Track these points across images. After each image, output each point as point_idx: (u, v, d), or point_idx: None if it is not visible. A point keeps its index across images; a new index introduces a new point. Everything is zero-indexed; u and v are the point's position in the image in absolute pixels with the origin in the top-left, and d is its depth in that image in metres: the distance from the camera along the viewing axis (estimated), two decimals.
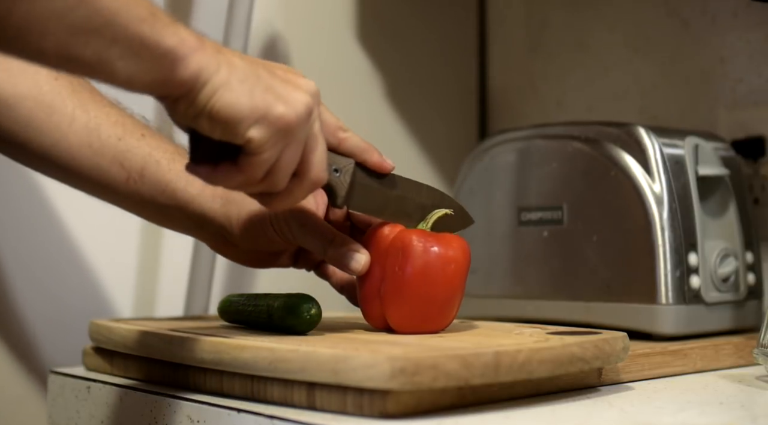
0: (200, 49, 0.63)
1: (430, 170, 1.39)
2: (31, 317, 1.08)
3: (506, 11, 1.43)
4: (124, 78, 0.61)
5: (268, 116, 0.65)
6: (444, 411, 0.65)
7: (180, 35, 0.62)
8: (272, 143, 0.66)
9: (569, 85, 1.34)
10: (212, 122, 0.64)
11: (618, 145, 0.95)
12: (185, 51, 0.62)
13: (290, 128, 0.66)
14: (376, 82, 1.34)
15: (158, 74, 0.61)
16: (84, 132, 0.81)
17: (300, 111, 0.67)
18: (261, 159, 0.66)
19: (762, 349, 0.80)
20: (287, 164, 0.68)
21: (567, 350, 0.70)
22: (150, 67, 0.61)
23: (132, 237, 1.15)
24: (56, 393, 0.90)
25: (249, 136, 0.65)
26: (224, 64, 0.64)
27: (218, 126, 0.64)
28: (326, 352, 0.65)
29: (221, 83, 0.63)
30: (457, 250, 0.76)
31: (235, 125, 0.64)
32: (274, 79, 0.67)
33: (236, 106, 0.64)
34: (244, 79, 0.65)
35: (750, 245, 0.99)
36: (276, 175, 0.68)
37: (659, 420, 0.65)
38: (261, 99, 0.65)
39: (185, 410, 0.74)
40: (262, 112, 0.65)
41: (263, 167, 0.67)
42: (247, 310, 0.83)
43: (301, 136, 0.68)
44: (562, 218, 0.99)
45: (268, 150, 0.66)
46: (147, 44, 0.60)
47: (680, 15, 1.21)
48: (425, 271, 0.75)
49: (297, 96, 0.67)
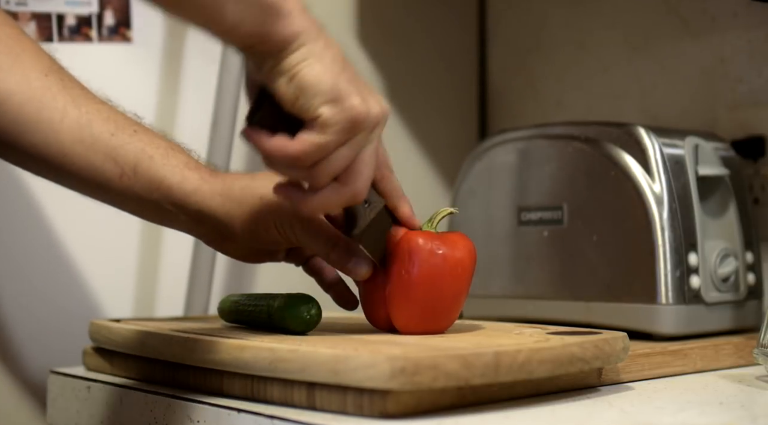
0: (304, 13, 0.65)
1: (430, 170, 1.39)
2: (31, 318, 1.08)
3: (506, 11, 1.43)
4: (230, 23, 0.63)
5: (344, 101, 0.66)
6: (444, 411, 0.65)
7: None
8: (337, 128, 0.66)
9: (569, 85, 1.34)
10: (292, 85, 0.65)
11: (618, 145, 0.95)
12: (291, 8, 0.64)
13: (358, 122, 0.67)
14: (376, 83, 1.34)
15: (262, 25, 0.63)
16: (76, 128, 0.79)
17: (373, 112, 0.68)
18: (319, 141, 0.66)
19: (762, 349, 0.80)
20: (339, 160, 0.68)
21: (567, 350, 0.70)
22: (257, 15, 0.63)
23: (131, 237, 1.15)
24: (56, 393, 0.90)
25: (320, 111, 0.66)
26: (323, 38, 0.66)
27: (296, 91, 0.65)
28: (326, 352, 0.65)
29: (315, 53, 0.65)
30: (463, 251, 0.76)
31: (313, 96, 0.65)
32: (359, 80, 0.69)
33: (321, 77, 0.65)
34: (335, 60, 0.66)
35: (750, 245, 0.99)
36: (323, 167, 0.68)
37: (659, 420, 0.65)
38: (344, 84, 0.66)
39: (185, 410, 0.74)
40: (341, 94, 0.66)
41: (318, 151, 0.67)
42: (247, 310, 0.83)
43: (362, 138, 0.68)
44: (562, 218, 0.99)
45: (330, 134, 0.66)
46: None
47: (680, 15, 1.21)
48: (432, 273, 0.75)
49: (375, 101, 0.68)
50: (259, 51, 0.65)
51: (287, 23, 0.64)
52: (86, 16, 1.11)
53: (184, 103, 1.18)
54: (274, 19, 0.64)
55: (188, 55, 1.18)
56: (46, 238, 1.09)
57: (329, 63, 0.66)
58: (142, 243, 1.15)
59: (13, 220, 1.07)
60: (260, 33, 0.64)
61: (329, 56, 0.66)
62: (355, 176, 0.70)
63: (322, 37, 0.67)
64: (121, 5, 1.13)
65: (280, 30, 0.64)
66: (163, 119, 1.16)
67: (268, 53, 0.65)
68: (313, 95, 0.65)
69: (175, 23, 1.17)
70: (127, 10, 1.13)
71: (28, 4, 1.09)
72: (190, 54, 1.18)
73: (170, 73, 1.17)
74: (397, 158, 1.21)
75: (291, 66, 0.65)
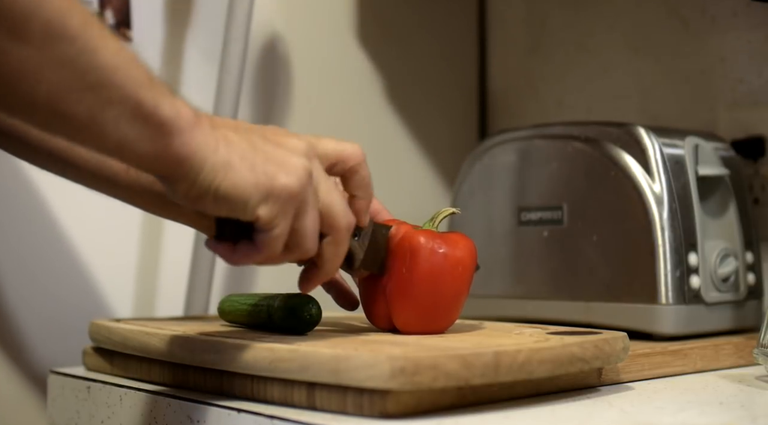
0: (197, 125, 0.60)
1: (430, 170, 1.39)
2: (31, 318, 1.08)
3: (506, 11, 1.43)
4: (115, 143, 0.58)
5: (273, 190, 0.63)
6: (444, 411, 0.65)
7: (177, 107, 0.59)
8: (281, 215, 0.64)
9: (569, 85, 1.34)
10: (217, 202, 0.62)
11: (618, 145, 0.95)
12: (182, 125, 0.59)
13: (295, 197, 0.64)
14: (376, 83, 1.34)
15: (151, 146, 0.59)
16: None
17: (302, 176, 0.65)
18: (274, 234, 0.65)
19: (762, 349, 0.80)
20: (307, 230, 0.66)
21: (567, 350, 0.70)
22: (144, 135, 0.58)
23: (132, 237, 1.15)
24: (56, 393, 0.90)
25: (257, 214, 0.63)
26: (222, 141, 0.62)
27: (224, 206, 0.63)
28: (326, 352, 0.65)
29: (223, 163, 0.61)
30: (464, 250, 0.76)
31: (243, 205, 0.63)
32: (268, 144, 0.65)
33: (241, 185, 0.62)
34: (243, 154, 0.62)
35: (750, 245, 0.99)
36: (301, 243, 0.67)
37: (659, 420, 0.65)
38: (263, 173, 0.63)
39: (185, 410, 0.74)
40: (267, 187, 0.63)
41: (279, 240, 0.65)
42: (247, 310, 0.83)
43: (309, 199, 0.66)
44: (562, 218, 0.99)
45: (279, 224, 0.64)
46: (143, 111, 0.57)
47: (680, 15, 1.21)
48: (433, 273, 0.75)
49: (295, 161, 0.65)
50: (159, 175, 0.61)
51: (180, 143, 0.59)
52: None
53: None
54: (164, 140, 0.59)
55: (188, 55, 1.18)
56: (46, 238, 1.09)
57: (240, 163, 0.62)
58: (142, 243, 1.15)
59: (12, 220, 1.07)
60: (151, 154, 0.59)
61: (236, 156, 0.62)
62: (335, 219, 0.68)
63: (220, 139, 0.62)
64: (121, 5, 1.13)
65: (175, 151, 0.59)
66: None
67: (171, 177, 0.61)
68: (243, 204, 0.62)
69: (175, 23, 1.17)
70: (127, 10, 1.13)
71: None
72: (190, 54, 1.18)
73: (170, 73, 1.17)
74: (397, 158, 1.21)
75: (206, 186, 0.61)
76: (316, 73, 1.29)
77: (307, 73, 1.27)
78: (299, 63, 1.26)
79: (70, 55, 0.54)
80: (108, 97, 0.56)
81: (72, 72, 0.55)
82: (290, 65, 1.26)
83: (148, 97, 0.58)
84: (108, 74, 0.56)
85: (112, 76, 0.56)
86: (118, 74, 0.56)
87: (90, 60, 0.55)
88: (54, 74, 0.54)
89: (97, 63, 0.55)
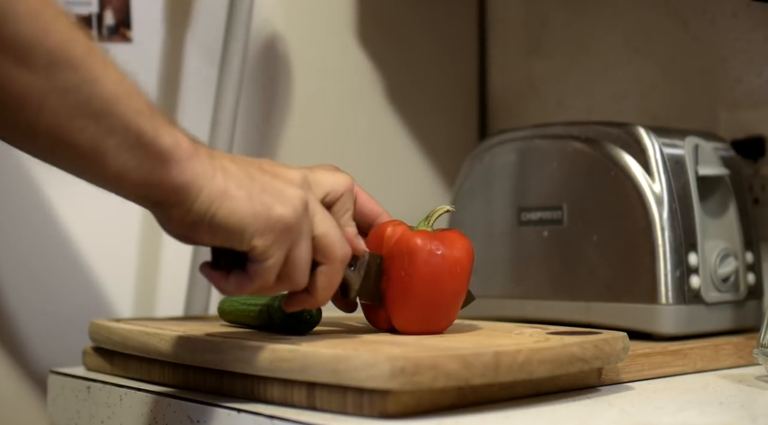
0: (195, 155, 0.61)
1: (430, 170, 1.39)
2: (31, 317, 1.08)
3: (506, 11, 1.43)
4: (114, 172, 0.58)
5: (269, 220, 0.63)
6: (444, 411, 0.65)
7: (176, 136, 0.60)
8: (276, 246, 0.64)
9: (569, 85, 1.34)
10: (213, 231, 0.62)
11: (618, 145, 0.95)
12: (181, 154, 0.60)
13: (291, 228, 0.64)
14: (376, 82, 1.34)
15: (151, 174, 0.59)
16: None
17: (298, 207, 0.65)
18: (268, 264, 0.65)
19: (762, 349, 0.80)
20: (300, 261, 0.66)
21: (567, 350, 0.70)
22: (143, 164, 0.59)
23: (132, 237, 1.15)
24: (56, 393, 0.90)
25: (253, 244, 0.63)
26: (219, 170, 0.62)
27: (219, 236, 0.63)
28: (326, 352, 0.65)
29: (219, 192, 0.61)
30: (461, 250, 0.76)
31: (240, 234, 0.63)
32: (266, 175, 0.65)
33: (237, 214, 0.62)
34: (240, 184, 0.63)
35: (750, 245, 0.99)
36: (293, 274, 0.67)
37: (659, 420, 0.65)
38: (260, 203, 0.63)
39: (185, 410, 0.74)
40: (263, 217, 0.63)
41: (273, 271, 0.65)
42: (247, 310, 0.83)
43: (304, 230, 0.66)
44: (562, 218, 0.99)
45: (274, 254, 0.64)
46: (144, 140, 0.58)
47: (680, 15, 1.21)
48: (432, 274, 0.75)
49: (291, 192, 0.65)
50: (154, 202, 0.61)
51: (179, 172, 0.60)
52: (86, 16, 1.11)
53: (184, 103, 1.18)
54: (163, 168, 0.59)
55: (188, 55, 1.18)
56: (47, 238, 1.09)
57: (236, 192, 0.62)
58: (142, 243, 1.15)
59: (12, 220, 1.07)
60: (149, 183, 0.59)
61: (233, 185, 0.62)
62: (330, 251, 0.68)
63: (218, 168, 0.62)
64: (121, 5, 1.13)
65: (172, 179, 0.60)
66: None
67: (166, 204, 0.61)
68: (240, 233, 0.63)
69: (175, 23, 1.17)
70: (127, 10, 1.13)
71: None
72: (190, 54, 1.18)
73: (170, 73, 1.17)
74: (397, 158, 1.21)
75: (202, 214, 0.61)
76: (316, 73, 1.29)
77: (307, 73, 1.27)
78: (299, 63, 1.26)
79: (73, 83, 0.55)
80: (109, 126, 0.57)
81: (75, 100, 0.55)
82: (290, 65, 1.26)
83: (149, 127, 0.58)
84: (110, 103, 0.56)
85: (114, 105, 0.57)
86: (120, 104, 0.57)
87: (92, 89, 0.56)
88: (57, 102, 0.55)
89: (100, 92, 0.56)
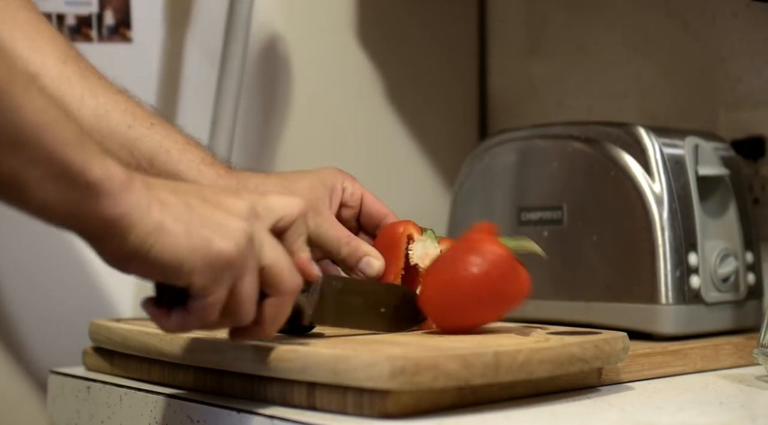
0: (128, 187, 0.57)
1: (430, 170, 1.39)
2: (31, 317, 1.08)
3: (506, 12, 1.43)
4: (39, 204, 0.55)
5: (208, 256, 0.59)
6: (444, 411, 0.65)
7: (107, 167, 0.56)
8: (217, 282, 0.60)
9: (569, 85, 1.34)
10: (148, 267, 0.59)
11: (618, 145, 0.95)
12: (112, 186, 0.56)
13: (232, 263, 0.60)
14: (376, 83, 1.34)
15: (78, 207, 0.55)
16: (93, 118, 0.79)
17: (240, 241, 0.61)
18: (209, 301, 0.61)
19: (762, 349, 0.80)
20: (245, 297, 0.62)
21: (567, 350, 0.70)
22: (70, 196, 0.55)
23: None
24: (56, 393, 0.90)
25: (191, 281, 0.59)
26: (155, 203, 0.58)
27: (155, 271, 0.59)
28: (326, 352, 0.65)
29: (154, 226, 0.58)
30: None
31: (176, 271, 0.59)
32: (207, 207, 0.61)
33: (173, 250, 0.58)
34: (177, 217, 0.59)
35: (750, 245, 0.99)
36: (237, 310, 0.63)
37: (659, 420, 0.65)
38: (198, 237, 0.59)
39: (185, 410, 0.74)
40: (201, 252, 0.59)
41: (214, 308, 0.61)
42: None
43: (248, 265, 0.62)
44: (562, 218, 0.99)
45: (215, 291, 0.60)
46: (70, 171, 0.54)
47: (680, 15, 1.21)
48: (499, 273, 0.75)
49: (234, 225, 0.61)
50: (84, 234, 0.58)
51: (109, 205, 0.56)
52: (86, 16, 1.11)
53: (184, 104, 1.18)
54: (91, 201, 0.55)
55: (188, 55, 1.18)
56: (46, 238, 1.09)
57: (173, 226, 0.58)
58: None
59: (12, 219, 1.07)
60: (77, 215, 0.56)
61: (170, 218, 0.58)
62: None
63: (154, 200, 0.58)
64: (121, 5, 1.13)
65: (102, 212, 0.56)
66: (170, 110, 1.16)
67: (97, 237, 0.57)
68: (176, 270, 0.59)
69: (175, 23, 1.17)
70: (127, 10, 1.13)
71: None
72: (190, 54, 1.18)
73: (170, 73, 1.17)
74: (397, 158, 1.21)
75: (135, 250, 0.57)
76: (316, 73, 1.29)
77: (307, 73, 1.27)
78: (299, 63, 1.26)
79: None
80: (31, 157, 0.53)
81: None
82: (290, 65, 1.26)
83: (76, 157, 0.55)
84: (32, 133, 0.53)
85: (37, 135, 0.53)
86: (44, 133, 0.53)
87: (13, 118, 0.52)
88: None
89: (21, 121, 0.53)
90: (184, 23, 1.18)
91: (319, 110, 1.29)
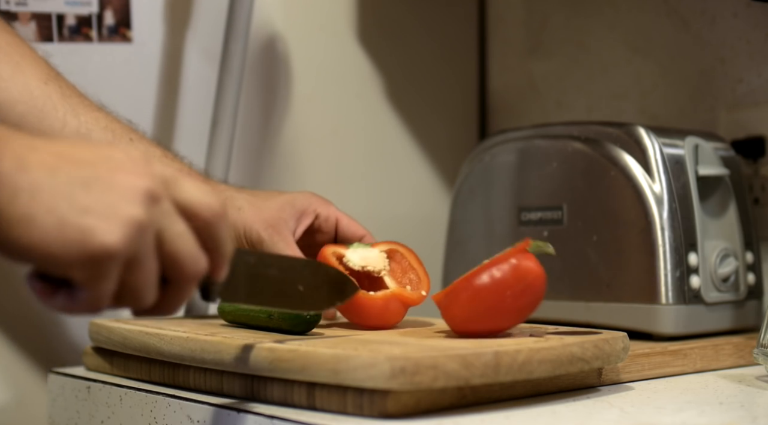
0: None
1: (430, 170, 1.39)
2: (31, 317, 1.08)
3: (506, 11, 1.43)
4: None
5: (85, 249, 0.52)
6: (444, 411, 0.65)
7: None
8: (101, 276, 0.53)
9: (569, 85, 1.34)
10: (16, 258, 0.53)
11: (618, 145, 0.95)
12: None
13: (115, 255, 0.53)
14: (376, 83, 1.34)
15: None
16: (75, 137, 0.81)
17: (128, 230, 0.53)
18: (94, 294, 0.54)
19: (762, 349, 0.80)
20: (140, 285, 0.56)
21: (567, 350, 0.70)
22: None
23: None
24: (56, 393, 0.90)
25: (69, 274, 0.53)
26: (25, 191, 0.51)
27: (27, 262, 0.53)
28: (326, 352, 0.65)
29: (20, 217, 0.51)
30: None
31: (49, 264, 0.53)
32: (98, 187, 0.53)
33: (43, 245, 0.52)
34: (51, 206, 0.52)
35: (750, 245, 0.99)
36: (134, 297, 0.57)
37: (659, 420, 0.65)
38: (75, 228, 0.52)
39: (185, 410, 0.74)
40: (78, 246, 0.52)
41: (102, 299, 0.55)
42: (247, 310, 0.83)
43: (141, 252, 0.54)
44: (562, 218, 0.99)
45: (96, 285, 0.54)
46: None
47: (680, 15, 1.21)
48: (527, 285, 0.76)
49: (125, 211, 0.53)
50: None
51: None
52: (86, 16, 1.11)
53: (184, 103, 1.18)
54: None
55: (188, 55, 1.18)
56: None
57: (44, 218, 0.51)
58: None
59: None
60: None
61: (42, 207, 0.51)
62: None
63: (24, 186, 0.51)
64: (121, 5, 1.13)
65: None
66: (162, 119, 1.16)
67: None
68: (49, 265, 0.53)
69: (175, 23, 1.17)
70: (127, 10, 1.13)
71: (28, 4, 1.09)
72: (190, 54, 1.18)
73: (170, 73, 1.17)
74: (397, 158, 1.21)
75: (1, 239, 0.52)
76: (316, 73, 1.29)
77: (307, 72, 1.27)
78: (299, 63, 1.26)
79: None
80: None
81: None
82: (290, 65, 1.26)
83: None
84: None
85: None
86: None
87: None
88: None
89: None
90: (184, 23, 1.18)
91: (319, 110, 1.29)
